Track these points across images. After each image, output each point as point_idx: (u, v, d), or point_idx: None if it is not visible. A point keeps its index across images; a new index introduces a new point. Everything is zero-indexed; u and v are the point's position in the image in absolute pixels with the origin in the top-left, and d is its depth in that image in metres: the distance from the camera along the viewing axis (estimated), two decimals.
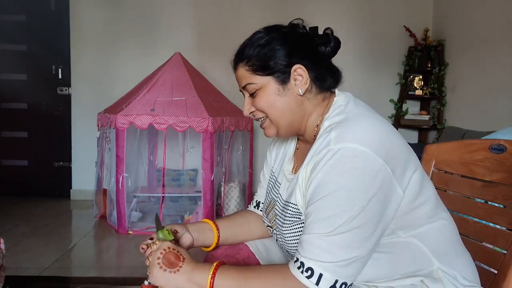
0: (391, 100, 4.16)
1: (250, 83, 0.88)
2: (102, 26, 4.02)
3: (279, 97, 0.87)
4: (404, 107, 4.14)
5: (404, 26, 4.07)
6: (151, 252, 0.87)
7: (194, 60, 3.74)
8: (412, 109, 4.17)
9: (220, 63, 4.01)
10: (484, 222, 1.03)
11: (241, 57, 0.90)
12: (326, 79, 0.90)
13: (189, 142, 3.68)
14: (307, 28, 0.92)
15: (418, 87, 4.04)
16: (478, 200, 1.06)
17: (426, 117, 3.96)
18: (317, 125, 0.90)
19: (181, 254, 0.83)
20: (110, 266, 2.48)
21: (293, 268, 0.76)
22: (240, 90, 0.94)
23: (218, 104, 3.36)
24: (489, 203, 1.03)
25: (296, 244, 0.87)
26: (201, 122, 3.00)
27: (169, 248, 0.84)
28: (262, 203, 1.12)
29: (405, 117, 4.05)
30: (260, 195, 1.14)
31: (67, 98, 4.07)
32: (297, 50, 0.87)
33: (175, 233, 0.98)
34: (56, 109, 4.07)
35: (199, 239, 1.04)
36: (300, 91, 0.87)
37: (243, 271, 0.80)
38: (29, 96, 4.02)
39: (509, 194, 0.97)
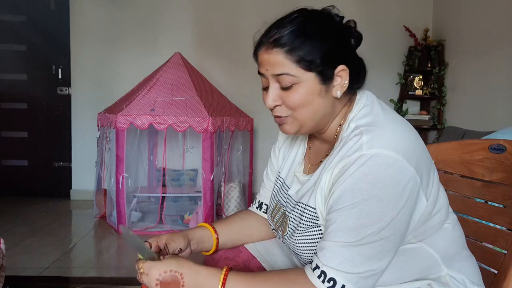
0: (391, 100, 4.16)
1: (288, 74, 0.77)
2: (102, 26, 4.02)
3: (318, 98, 0.79)
4: (404, 107, 4.14)
5: (404, 26, 4.07)
6: (142, 279, 0.79)
7: (194, 60, 3.74)
8: (412, 109, 4.17)
9: (220, 63, 4.02)
10: (484, 222, 1.03)
11: (280, 41, 0.77)
12: (360, 81, 0.84)
13: (189, 142, 3.68)
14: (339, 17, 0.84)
15: (418, 87, 4.04)
16: (478, 200, 1.06)
17: (426, 117, 3.96)
18: (339, 125, 0.85)
19: (176, 271, 0.76)
20: (110, 266, 2.48)
21: (313, 276, 0.73)
22: (261, 74, 0.82)
23: (218, 104, 3.36)
24: (489, 203, 1.03)
25: (309, 249, 0.83)
26: (201, 122, 3.00)
27: (160, 274, 0.75)
28: (265, 204, 1.09)
29: (405, 117, 4.03)
30: (263, 196, 1.10)
31: (67, 98, 4.07)
32: (341, 48, 0.80)
33: (179, 251, 0.93)
34: (56, 109, 4.07)
35: (196, 250, 1.00)
36: (338, 93, 0.80)
37: (254, 283, 0.76)
38: (29, 96, 4.02)
39: (509, 194, 0.97)
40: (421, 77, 4.05)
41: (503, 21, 3.05)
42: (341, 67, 0.79)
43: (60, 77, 4.05)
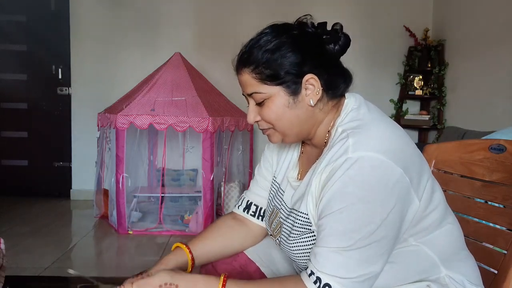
0: (391, 100, 4.16)
1: (257, 92, 0.81)
2: (102, 26, 4.02)
3: (288, 110, 0.81)
4: (404, 107, 4.14)
5: (404, 26, 4.07)
6: None
7: (194, 60, 3.74)
8: (412, 109, 4.17)
9: (220, 63, 4.01)
10: (484, 222, 1.02)
11: (247, 61, 0.81)
12: (339, 86, 0.84)
13: (189, 142, 3.68)
14: (315, 25, 0.85)
15: (418, 87, 4.04)
16: (478, 200, 1.06)
17: (426, 117, 3.96)
18: (328, 130, 0.85)
19: (171, 284, 0.76)
20: (110, 266, 2.48)
21: (309, 282, 0.73)
22: (243, 94, 0.86)
23: (218, 104, 3.36)
24: (489, 203, 1.03)
25: (304, 255, 0.83)
26: (201, 122, 3.00)
27: (160, 286, 0.75)
28: (255, 205, 1.04)
29: (405, 117, 4.04)
30: (252, 193, 1.05)
31: (67, 98, 4.07)
32: (309, 57, 0.80)
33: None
34: (56, 109, 4.07)
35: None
36: (311, 102, 0.81)
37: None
38: (29, 96, 4.02)
39: (509, 194, 0.97)
40: (421, 77, 4.05)
41: (503, 21, 3.05)
42: (308, 76, 0.80)
43: (60, 77, 4.05)
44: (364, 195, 0.70)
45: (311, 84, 0.80)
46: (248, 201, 1.06)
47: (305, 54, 0.80)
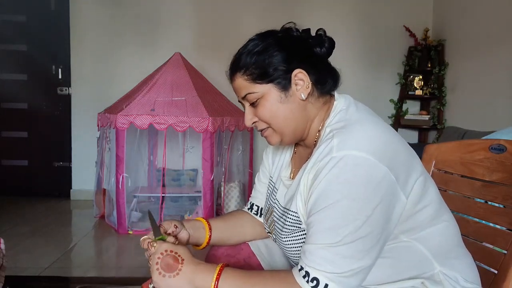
0: (391, 100, 4.16)
1: (250, 93, 0.86)
2: (102, 26, 4.02)
3: (281, 105, 0.85)
4: (404, 107, 4.14)
5: (404, 26, 4.07)
6: (150, 256, 0.83)
7: (194, 60, 3.73)
8: (412, 109, 4.17)
9: (220, 63, 3.99)
10: (484, 222, 1.03)
11: (237, 66, 0.87)
12: (327, 82, 0.88)
13: (189, 142, 3.68)
14: (300, 31, 0.90)
15: (418, 87, 4.04)
16: (478, 200, 1.06)
17: (426, 117, 3.96)
18: (318, 130, 0.88)
19: (179, 255, 0.80)
20: (110, 266, 2.48)
21: (298, 277, 0.75)
22: (239, 101, 0.91)
23: (218, 104, 3.36)
24: (489, 203, 1.03)
25: (296, 251, 0.86)
26: (201, 122, 3.00)
27: (166, 251, 0.80)
28: (256, 205, 1.12)
29: (405, 117, 4.04)
30: (254, 197, 1.13)
31: (67, 98, 4.07)
32: (295, 54, 0.85)
33: (175, 227, 0.97)
34: (56, 109, 4.07)
35: (194, 236, 1.02)
36: (302, 95, 0.85)
37: (247, 278, 0.78)
38: (29, 96, 4.02)
39: (509, 194, 0.97)
40: (421, 77, 4.05)
41: (503, 21, 3.05)
42: (296, 71, 0.84)
43: (60, 77, 4.05)
44: (349, 193, 0.72)
45: (300, 79, 0.85)
46: (251, 202, 1.14)
47: (291, 52, 0.85)
